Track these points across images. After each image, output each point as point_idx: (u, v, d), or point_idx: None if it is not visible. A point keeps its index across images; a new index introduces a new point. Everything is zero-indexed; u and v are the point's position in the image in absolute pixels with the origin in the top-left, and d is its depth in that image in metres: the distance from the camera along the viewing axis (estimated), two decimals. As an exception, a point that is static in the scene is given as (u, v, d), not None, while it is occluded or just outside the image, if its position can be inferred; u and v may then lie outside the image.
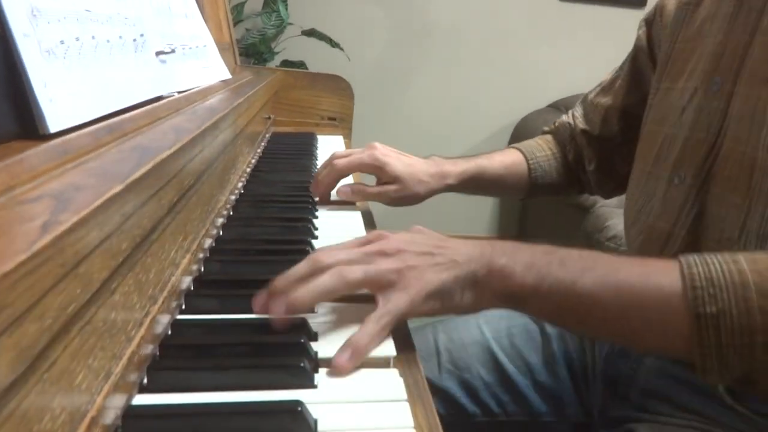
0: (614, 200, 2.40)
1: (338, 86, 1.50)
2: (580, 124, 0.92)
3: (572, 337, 0.80)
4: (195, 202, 0.58)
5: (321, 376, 0.43)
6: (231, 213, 0.76)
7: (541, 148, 0.94)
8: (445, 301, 0.49)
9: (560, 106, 2.71)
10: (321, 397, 0.41)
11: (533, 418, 0.78)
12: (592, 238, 2.09)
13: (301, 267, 0.48)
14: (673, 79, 0.73)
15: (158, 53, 0.62)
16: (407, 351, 0.49)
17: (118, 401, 0.36)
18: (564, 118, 0.96)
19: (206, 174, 0.61)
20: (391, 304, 0.47)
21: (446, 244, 0.51)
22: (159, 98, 0.60)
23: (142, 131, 0.46)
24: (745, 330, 0.43)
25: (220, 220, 0.71)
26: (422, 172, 0.84)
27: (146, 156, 0.37)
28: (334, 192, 0.85)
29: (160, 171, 0.39)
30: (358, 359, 0.44)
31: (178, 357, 0.44)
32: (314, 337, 0.48)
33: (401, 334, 0.50)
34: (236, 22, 2.45)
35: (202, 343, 0.45)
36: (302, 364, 0.42)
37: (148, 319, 0.42)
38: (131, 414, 0.37)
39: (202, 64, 0.83)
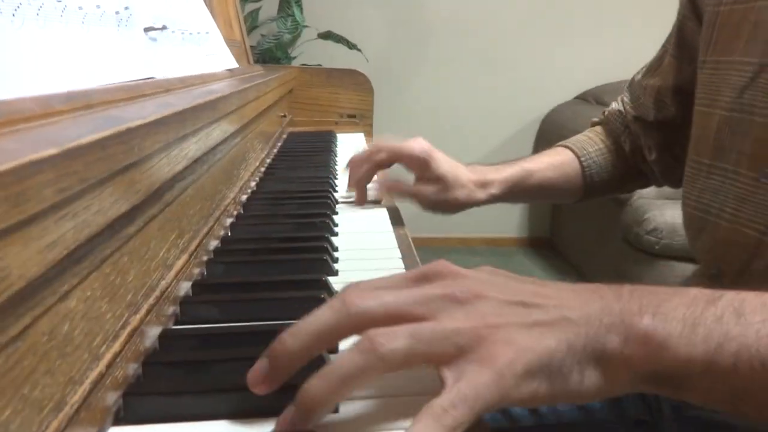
0: (651, 191, 2.28)
1: (356, 81, 1.42)
2: (631, 110, 0.81)
3: None
4: (192, 196, 0.49)
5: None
6: (241, 211, 0.68)
7: (593, 141, 0.84)
8: (555, 383, 0.30)
9: (588, 97, 2.60)
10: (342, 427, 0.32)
11: (587, 417, 0.68)
12: (630, 233, 1.97)
13: (323, 315, 0.32)
14: (722, 51, 0.62)
15: (147, 29, 0.54)
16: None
17: (77, 440, 0.28)
18: (614, 105, 0.85)
19: (205, 164, 0.53)
20: (467, 385, 0.28)
21: (545, 291, 0.33)
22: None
23: (117, 106, 0.38)
24: None
25: (229, 220, 0.63)
26: (465, 177, 0.75)
27: (108, 124, 0.29)
28: (370, 186, 0.77)
29: (128, 144, 0.31)
30: None
31: (166, 378, 0.35)
32: (335, 350, 0.39)
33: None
34: (251, 29, 2.40)
35: (196, 360, 0.36)
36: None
37: (125, 332, 0.34)
38: (98, 455, 0.28)
39: (204, 51, 0.76)
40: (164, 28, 0.56)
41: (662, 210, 2.10)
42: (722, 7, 0.62)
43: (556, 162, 0.82)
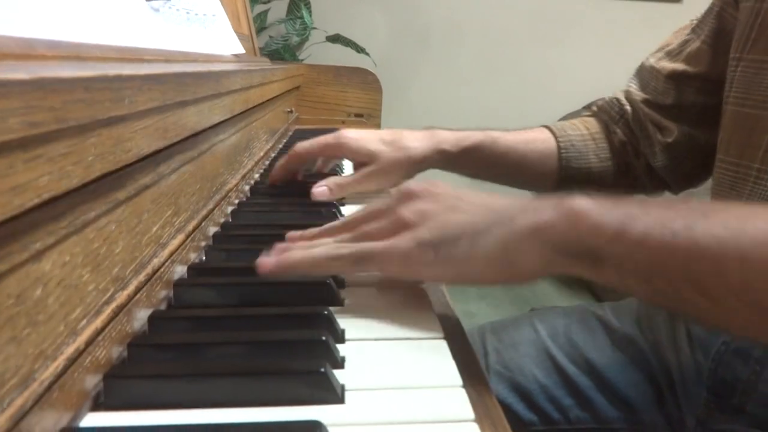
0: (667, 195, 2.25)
1: (364, 80, 1.39)
2: (640, 95, 0.73)
3: (651, 329, 0.65)
4: (191, 173, 0.46)
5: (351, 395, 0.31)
6: (244, 199, 0.65)
7: (575, 126, 0.75)
8: (476, 245, 0.37)
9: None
10: (350, 418, 0.28)
11: (602, 425, 0.64)
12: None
13: (382, 220, 0.42)
14: (766, 50, 0.58)
15: (149, -1, 0.51)
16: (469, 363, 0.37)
17: (45, 423, 0.24)
18: (611, 95, 0.77)
19: (206, 141, 0.50)
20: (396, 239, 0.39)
21: (478, 195, 0.41)
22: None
23: (109, 63, 0.35)
24: None
25: (230, 208, 0.60)
26: (407, 139, 0.66)
27: (97, 71, 0.26)
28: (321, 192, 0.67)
29: (117, 93, 0.27)
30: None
31: (153, 361, 0.32)
32: (340, 337, 0.36)
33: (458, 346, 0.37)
34: (260, 30, 2.38)
35: (188, 342, 0.33)
36: (323, 369, 0.29)
37: (109, 308, 0.30)
38: (71, 442, 0.25)
39: (209, 34, 0.73)
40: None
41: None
42: (766, 4, 0.58)
43: (529, 136, 0.73)
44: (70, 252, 0.26)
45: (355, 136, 0.67)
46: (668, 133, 0.71)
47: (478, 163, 0.70)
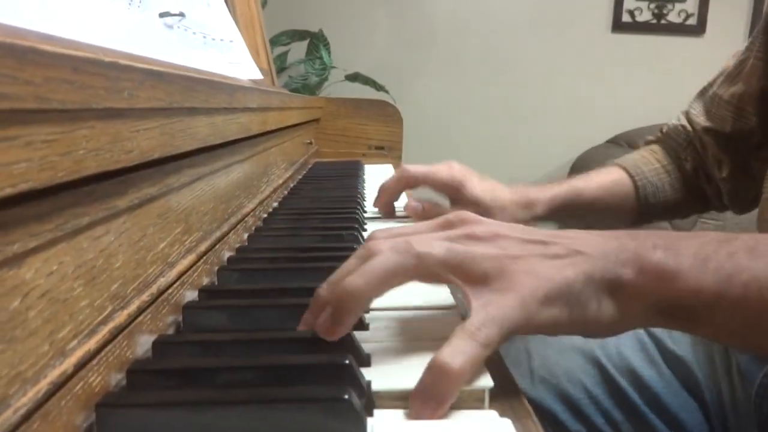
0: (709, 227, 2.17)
1: (385, 112, 1.38)
2: (702, 122, 0.73)
3: (708, 357, 0.60)
4: (203, 190, 0.43)
5: (377, 419, 0.27)
6: (261, 224, 0.62)
7: (647, 160, 0.76)
8: (574, 310, 0.31)
9: (620, 141, 2.52)
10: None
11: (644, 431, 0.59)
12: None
13: (352, 259, 0.34)
14: None
15: (162, 14, 0.50)
16: (502, 376, 0.32)
17: (22, 458, 0.21)
18: (674, 121, 0.78)
19: (219, 159, 0.47)
20: (494, 308, 0.30)
21: (564, 233, 0.35)
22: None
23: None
24: None
25: (246, 234, 0.56)
26: (505, 199, 0.68)
27: (82, 50, 0.23)
28: (399, 205, 0.72)
29: (113, 82, 0.24)
30: (447, 394, 0.28)
31: (155, 387, 0.28)
32: (366, 360, 0.32)
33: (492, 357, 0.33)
34: (280, 70, 2.41)
35: (195, 367, 0.29)
36: (347, 397, 0.25)
37: (105, 328, 0.27)
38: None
39: (227, 59, 0.71)
40: (182, 15, 0.52)
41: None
42: None
43: (607, 181, 0.74)
44: (58, 260, 0.23)
45: (470, 180, 0.69)
46: (723, 168, 0.71)
47: (565, 218, 0.73)
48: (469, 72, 2.53)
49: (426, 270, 0.32)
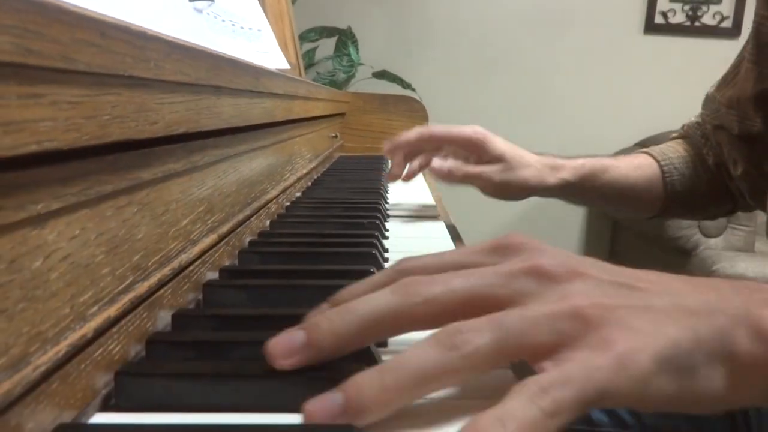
0: (719, 241, 2.13)
1: (411, 108, 1.38)
2: (711, 120, 0.72)
3: None
4: (226, 170, 0.43)
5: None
6: (284, 212, 0.62)
7: (674, 149, 0.75)
8: (684, 381, 0.22)
9: (650, 145, 2.48)
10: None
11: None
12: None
13: (380, 298, 0.25)
14: None
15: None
16: None
17: (41, 416, 0.21)
18: (692, 118, 0.77)
19: (244, 142, 0.47)
20: (575, 365, 0.22)
21: (649, 277, 0.26)
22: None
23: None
24: None
25: (268, 221, 0.57)
26: (531, 157, 0.68)
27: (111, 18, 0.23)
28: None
29: (140, 50, 0.25)
30: None
31: (174, 358, 0.28)
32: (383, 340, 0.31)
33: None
34: (308, 66, 2.42)
35: (214, 340, 0.29)
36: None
37: (126, 298, 0.27)
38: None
39: (255, 48, 0.72)
40: (211, 0, 0.52)
41: (733, 262, 1.94)
42: None
43: (634, 162, 0.73)
44: (81, 225, 0.23)
45: (493, 137, 0.68)
46: (738, 166, 0.69)
47: (591, 191, 0.70)
48: (498, 71, 2.52)
49: (479, 368, 0.23)
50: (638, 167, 0.72)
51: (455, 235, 0.61)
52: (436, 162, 0.67)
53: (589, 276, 0.25)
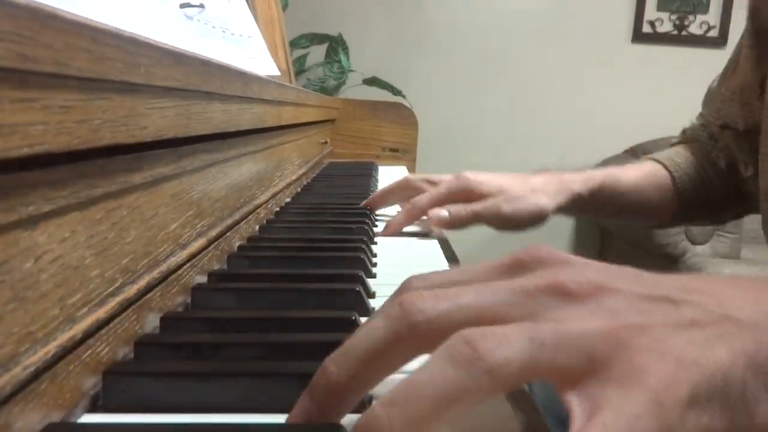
0: (706, 248, 2.15)
1: (400, 115, 1.38)
2: (716, 120, 0.69)
3: None
4: (215, 176, 0.44)
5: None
6: (273, 217, 0.62)
7: (680, 154, 0.72)
8: (736, 415, 0.19)
9: (638, 152, 2.51)
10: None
11: None
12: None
13: (375, 328, 0.22)
14: None
15: (183, 5, 0.50)
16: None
17: (30, 416, 0.21)
18: (694, 121, 0.75)
19: (233, 147, 0.48)
20: (614, 417, 0.18)
21: (694, 285, 0.22)
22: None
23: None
24: None
25: (257, 226, 0.57)
26: (535, 182, 0.62)
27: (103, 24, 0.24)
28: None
29: (130, 55, 0.25)
30: None
31: (162, 359, 0.29)
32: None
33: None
34: (298, 72, 2.42)
35: (202, 342, 0.29)
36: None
37: (115, 300, 0.27)
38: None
39: (245, 54, 0.72)
40: (202, 7, 0.53)
41: (719, 269, 1.96)
42: None
43: (644, 171, 0.70)
44: (71, 228, 0.24)
45: (484, 178, 0.61)
46: (749, 167, 0.67)
47: (603, 203, 0.67)
48: (487, 79, 2.53)
49: (505, 385, 0.19)
50: (648, 175, 0.70)
51: (445, 245, 0.60)
52: (434, 212, 0.58)
53: (619, 291, 0.21)
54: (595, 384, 0.19)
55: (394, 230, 0.60)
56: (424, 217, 0.60)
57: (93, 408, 0.25)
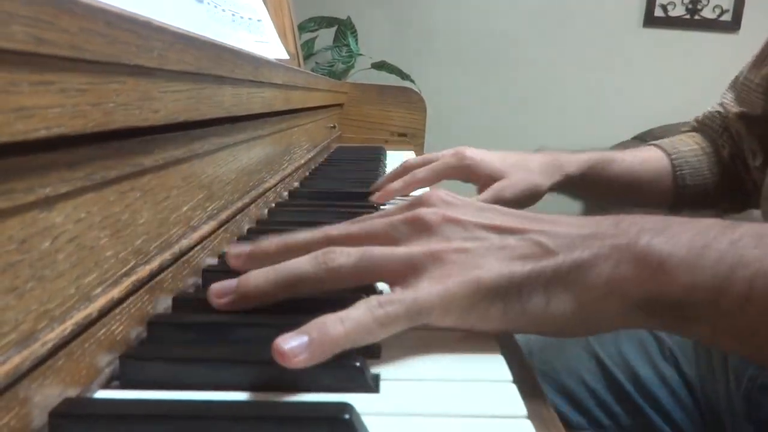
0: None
1: (408, 99, 1.38)
2: (735, 107, 0.70)
3: (707, 353, 0.60)
4: (225, 159, 0.44)
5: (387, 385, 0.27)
6: (282, 200, 0.63)
7: (686, 142, 0.73)
8: (510, 305, 0.28)
9: (647, 138, 2.49)
10: (384, 408, 0.25)
11: None
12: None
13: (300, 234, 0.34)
14: None
15: (192, -11, 0.51)
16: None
17: (47, 390, 0.22)
18: (710, 108, 0.75)
19: (243, 131, 0.48)
20: (410, 290, 0.28)
21: (540, 219, 0.31)
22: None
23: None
24: None
25: (266, 209, 0.58)
26: (530, 161, 0.65)
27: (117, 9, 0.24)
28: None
29: (144, 40, 0.25)
30: (316, 355, 0.25)
31: (176, 340, 0.29)
32: (376, 352, 0.31)
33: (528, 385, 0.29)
34: (307, 56, 2.42)
35: (215, 322, 0.30)
36: (358, 364, 0.26)
37: (128, 280, 0.28)
38: (74, 413, 0.22)
39: (254, 38, 0.72)
40: (211, -10, 0.53)
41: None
42: None
43: (642, 155, 0.71)
44: (86, 209, 0.24)
45: (482, 156, 0.65)
46: (757, 156, 0.67)
47: (596, 184, 0.69)
48: (496, 64, 2.52)
49: (339, 282, 0.29)
50: (645, 160, 0.71)
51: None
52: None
53: (462, 222, 0.30)
54: (412, 279, 0.28)
55: (388, 196, 0.63)
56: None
57: (107, 385, 0.26)
